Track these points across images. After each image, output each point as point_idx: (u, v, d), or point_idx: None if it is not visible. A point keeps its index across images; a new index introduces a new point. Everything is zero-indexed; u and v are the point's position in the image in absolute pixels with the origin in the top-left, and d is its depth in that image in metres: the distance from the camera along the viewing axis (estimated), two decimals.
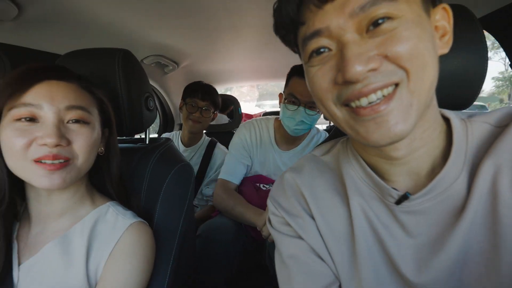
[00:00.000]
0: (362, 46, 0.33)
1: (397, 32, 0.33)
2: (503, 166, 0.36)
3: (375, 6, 0.33)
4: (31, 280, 0.51)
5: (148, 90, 0.86)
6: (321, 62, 0.37)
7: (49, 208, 0.56)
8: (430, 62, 0.34)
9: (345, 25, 0.34)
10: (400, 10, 0.33)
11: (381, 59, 0.33)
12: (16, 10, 0.73)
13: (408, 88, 0.34)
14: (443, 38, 0.39)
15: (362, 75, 0.33)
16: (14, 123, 0.48)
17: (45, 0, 0.77)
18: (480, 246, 0.36)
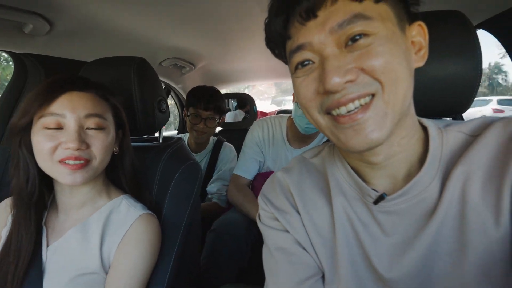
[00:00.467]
0: (340, 60, 0.37)
1: (372, 48, 0.36)
2: (473, 174, 0.38)
3: (352, 24, 0.36)
4: (56, 259, 0.61)
5: (161, 93, 0.94)
6: (305, 73, 0.40)
7: (72, 200, 0.66)
8: (402, 75, 0.37)
9: (326, 41, 0.37)
10: (374, 28, 0.36)
11: (358, 71, 0.36)
12: (48, 26, 0.84)
13: (383, 99, 0.37)
14: (419, 52, 0.42)
15: (340, 85, 0.36)
16: (43, 130, 0.57)
17: (73, 16, 0.87)
18: (449, 246, 0.38)
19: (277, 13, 0.41)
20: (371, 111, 0.37)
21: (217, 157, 1.50)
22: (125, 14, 1.00)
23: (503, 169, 0.36)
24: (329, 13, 0.37)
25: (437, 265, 0.39)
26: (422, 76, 0.58)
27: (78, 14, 0.88)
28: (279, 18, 0.41)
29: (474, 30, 0.58)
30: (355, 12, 0.36)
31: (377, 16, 0.37)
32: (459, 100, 0.60)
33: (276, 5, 0.41)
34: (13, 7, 0.72)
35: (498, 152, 0.38)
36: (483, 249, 0.36)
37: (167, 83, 1.91)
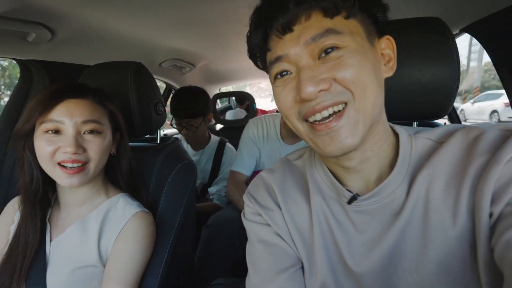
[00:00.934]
0: (315, 70, 0.40)
1: (343, 60, 0.39)
2: (436, 177, 0.41)
3: (324, 37, 0.39)
4: (58, 253, 0.67)
5: (157, 96, 0.98)
6: (284, 83, 0.44)
7: (72, 198, 0.71)
8: (371, 85, 0.40)
9: (301, 53, 0.41)
10: (344, 42, 0.39)
11: (331, 81, 0.40)
12: (49, 34, 0.89)
13: (354, 107, 0.40)
14: (388, 64, 0.46)
15: (314, 94, 0.39)
16: (44, 135, 0.63)
17: (72, 24, 0.92)
18: (413, 244, 0.41)
19: (257, 27, 0.44)
20: (344, 119, 0.40)
21: (221, 158, 1.55)
22: (123, 19, 1.04)
23: (462, 173, 0.39)
24: (303, 28, 0.40)
25: (403, 261, 0.42)
26: (402, 81, 0.60)
27: (77, 22, 0.92)
28: (258, 32, 0.44)
29: (453, 37, 0.60)
30: (327, 27, 0.39)
31: (347, 31, 0.40)
32: (438, 104, 0.62)
33: (255, 20, 0.45)
34: (16, 19, 0.77)
35: (459, 158, 0.41)
36: (442, 247, 0.39)
37: (169, 83, 1.96)
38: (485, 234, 0.35)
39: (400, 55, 0.60)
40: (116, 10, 0.92)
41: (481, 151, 0.39)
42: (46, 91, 0.65)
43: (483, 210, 0.35)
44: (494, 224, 0.35)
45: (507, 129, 0.41)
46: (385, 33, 0.46)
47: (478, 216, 0.36)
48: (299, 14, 0.40)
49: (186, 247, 0.91)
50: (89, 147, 0.65)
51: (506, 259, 0.32)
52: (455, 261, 0.38)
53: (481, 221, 0.36)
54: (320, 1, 0.39)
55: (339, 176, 0.49)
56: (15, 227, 0.70)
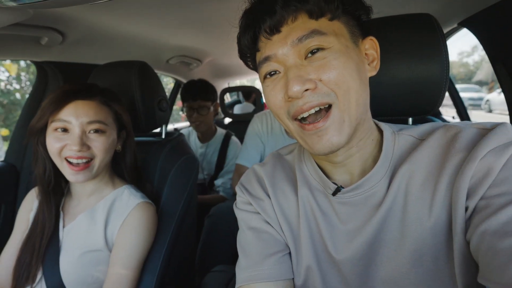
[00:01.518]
0: (301, 70, 0.42)
1: (327, 61, 0.41)
2: (415, 172, 0.44)
3: (309, 38, 0.41)
4: (70, 239, 0.74)
5: (161, 94, 1.03)
6: (273, 82, 0.46)
7: (82, 190, 0.78)
8: (354, 85, 0.42)
9: (288, 53, 0.43)
10: (329, 43, 0.42)
11: (317, 82, 0.42)
12: (60, 37, 0.96)
13: (339, 108, 0.42)
14: (372, 63, 0.48)
15: (300, 93, 0.41)
16: (54, 132, 0.69)
17: (81, 26, 0.98)
18: (392, 234, 0.44)
19: (246, 29, 0.47)
20: (330, 120, 0.42)
21: (226, 151, 1.61)
22: (130, 20, 1.09)
23: (440, 169, 0.41)
24: (290, 29, 0.42)
25: (382, 250, 0.45)
26: (391, 78, 0.62)
27: (86, 24, 0.98)
28: (248, 34, 0.46)
29: (442, 33, 0.60)
30: (312, 28, 0.42)
31: (332, 32, 0.42)
32: (428, 101, 0.62)
33: (245, 22, 0.47)
34: (30, 25, 0.84)
35: (437, 154, 0.43)
36: (417, 237, 0.42)
37: (178, 78, 2.01)
38: (461, 227, 0.38)
39: (390, 52, 0.61)
40: (123, 12, 0.97)
41: (458, 149, 0.41)
42: (58, 92, 0.71)
43: (459, 204, 0.38)
44: (470, 217, 0.37)
45: (483, 127, 0.42)
46: (369, 34, 0.48)
47: (454, 210, 0.38)
48: (286, 16, 0.42)
49: (187, 237, 0.97)
50: (93, 145, 0.71)
51: (480, 250, 0.35)
52: (428, 251, 0.41)
53: (457, 215, 0.38)
54: (305, 4, 0.41)
55: (326, 170, 0.52)
56: (33, 214, 0.78)
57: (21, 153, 1.16)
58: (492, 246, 0.33)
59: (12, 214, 1.11)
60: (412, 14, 0.63)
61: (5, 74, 3.85)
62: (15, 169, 1.15)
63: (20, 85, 4.11)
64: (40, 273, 0.72)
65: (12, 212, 1.10)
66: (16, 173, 1.15)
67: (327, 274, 0.50)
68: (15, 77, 4.03)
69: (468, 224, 0.37)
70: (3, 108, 3.99)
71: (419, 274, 0.42)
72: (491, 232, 0.34)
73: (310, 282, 0.51)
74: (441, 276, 0.40)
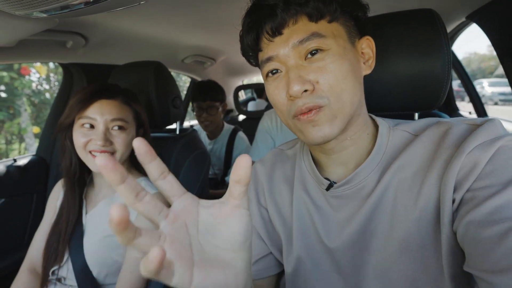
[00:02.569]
0: (302, 70, 0.44)
1: (325, 64, 0.44)
2: (407, 167, 0.46)
3: (309, 40, 0.44)
4: (92, 224, 0.82)
5: (175, 92, 1.09)
6: (275, 81, 0.47)
7: (102, 180, 0.85)
8: (348, 87, 0.45)
9: (289, 53, 0.45)
10: (327, 45, 0.44)
11: (314, 84, 0.45)
12: (84, 41, 1.04)
13: (330, 109, 0.45)
14: (368, 62, 0.50)
15: (300, 92, 0.43)
16: (80, 128, 0.77)
17: (103, 30, 1.06)
18: (382, 225, 0.47)
19: (249, 30, 0.49)
20: (322, 114, 0.45)
21: (233, 147, 1.66)
22: (147, 22, 1.16)
23: (430, 164, 0.43)
24: (291, 31, 0.45)
25: (374, 240, 0.47)
26: (394, 74, 0.63)
27: (107, 28, 1.06)
28: (250, 35, 0.49)
29: (444, 28, 0.61)
30: (312, 31, 0.44)
31: (330, 34, 0.44)
32: (431, 96, 0.63)
33: (247, 23, 0.50)
34: (57, 30, 0.92)
35: (428, 150, 0.45)
36: (404, 228, 0.44)
37: (192, 77, 2.08)
38: (448, 219, 0.39)
39: (392, 48, 0.63)
40: (141, 15, 1.04)
41: (448, 145, 0.42)
42: (84, 91, 0.78)
43: (447, 197, 0.39)
44: (456, 209, 0.39)
45: (473, 123, 0.44)
46: (367, 33, 0.50)
47: (442, 203, 0.40)
48: (287, 19, 0.44)
49: None
50: (115, 140, 0.78)
51: (465, 239, 0.37)
52: (415, 241, 0.43)
53: (445, 207, 0.39)
54: (305, 7, 0.43)
55: (323, 163, 0.55)
56: (60, 202, 0.86)
57: (50, 147, 1.27)
58: (476, 236, 0.35)
59: (43, 202, 1.22)
60: (413, 10, 0.64)
61: (36, 75, 4.11)
62: (45, 162, 1.27)
63: (49, 86, 4.38)
64: (67, 254, 0.80)
65: (43, 200, 1.22)
66: (46, 166, 1.26)
67: (320, 263, 0.53)
68: (45, 78, 4.29)
69: (455, 215, 0.39)
70: (34, 107, 4.27)
71: (407, 263, 0.44)
72: (476, 222, 0.35)
73: (301, 270, 0.55)
74: (429, 266, 0.42)
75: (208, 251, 0.30)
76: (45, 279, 0.79)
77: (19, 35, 0.79)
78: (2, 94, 3.79)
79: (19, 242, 1.19)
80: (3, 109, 3.72)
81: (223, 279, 0.29)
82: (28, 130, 3.95)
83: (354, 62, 0.46)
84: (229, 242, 0.30)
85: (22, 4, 0.49)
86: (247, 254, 0.31)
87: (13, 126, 3.79)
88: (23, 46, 0.97)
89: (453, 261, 0.40)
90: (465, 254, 0.37)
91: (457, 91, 3.61)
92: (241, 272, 0.30)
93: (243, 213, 0.31)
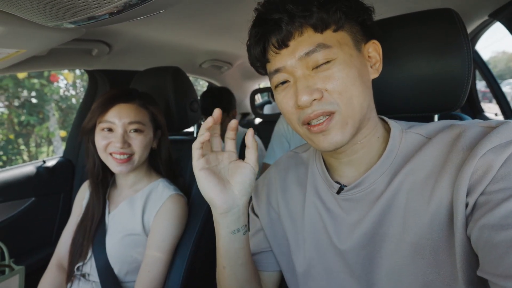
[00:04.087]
0: (309, 81, 0.45)
1: (332, 72, 0.44)
2: (418, 170, 0.45)
3: (315, 52, 0.44)
4: (114, 223, 0.85)
5: (193, 95, 1.13)
6: (284, 91, 0.48)
7: (124, 181, 0.89)
8: (356, 92, 0.45)
9: (296, 65, 0.46)
10: (334, 54, 0.44)
11: (323, 91, 0.46)
12: (108, 48, 1.10)
13: (341, 115, 0.46)
14: (375, 65, 0.50)
15: (308, 102, 0.44)
16: (101, 132, 0.81)
17: (126, 38, 1.11)
18: (394, 229, 0.46)
19: (255, 43, 0.50)
20: (334, 122, 0.46)
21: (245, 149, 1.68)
22: (166, 29, 1.21)
23: (442, 167, 0.42)
24: (297, 43, 0.45)
25: (386, 244, 0.47)
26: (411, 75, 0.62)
27: (129, 36, 1.11)
28: (257, 48, 0.50)
29: (464, 28, 0.60)
30: (318, 42, 0.44)
31: (336, 43, 0.45)
32: (450, 97, 0.62)
33: (254, 35, 0.50)
34: (83, 39, 0.98)
35: (441, 153, 0.44)
36: (416, 231, 0.44)
37: (210, 81, 2.13)
38: (461, 223, 0.39)
39: (409, 49, 0.62)
40: (160, 23, 1.08)
41: (461, 148, 0.41)
42: (103, 96, 0.83)
43: (460, 201, 0.39)
44: (470, 213, 0.38)
45: (488, 126, 0.42)
46: (374, 37, 0.50)
47: (455, 207, 0.39)
48: (293, 31, 0.45)
49: (213, 227, 1.05)
50: (133, 142, 0.81)
51: (479, 243, 0.36)
52: (427, 245, 0.43)
53: (458, 212, 0.39)
54: (309, 19, 0.44)
55: (334, 167, 0.55)
56: (85, 202, 0.91)
57: (76, 149, 1.35)
58: (490, 240, 0.34)
59: (69, 201, 1.29)
60: (432, 10, 0.63)
61: (63, 82, 4.35)
62: (71, 163, 1.34)
63: (75, 91, 4.61)
64: (90, 252, 0.84)
65: (69, 199, 1.28)
66: (72, 167, 1.33)
67: (332, 265, 0.53)
68: (71, 84, 4.52)
69: (469, 220, 0.38)
70: (62, 112, 4.51)
71: (419, 267, 0.43)
72: (490, 226, 0.35)
73: (313, 272, 0.55)
74: (442, 270, 0.41)
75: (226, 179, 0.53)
76: (70, 274, 0.84)
77: (51, 44, 0.85)
78: (33, 100, 4.04)
79: (48, 239, 1.26)
80: (34, 114, 3.97)
81: (228, 195, 0.51)
82: (56, 133, 4.18)
83: (361, 68, 0.47)
84: (238, 183, 0.51)
85: (54, 16, 0.53)
86: (246, 199, 0.52)
87: (42, 130, 4.03)
88: (53, 55, 1.03)
89: (468, 266, 0.39)
90: (479, 258, 0.36)
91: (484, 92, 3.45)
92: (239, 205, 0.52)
93: (248, 168, 0.52)
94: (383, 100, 0.65)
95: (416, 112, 0.67)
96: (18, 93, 3.92)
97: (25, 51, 0.78)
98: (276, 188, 0.65)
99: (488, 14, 0.85)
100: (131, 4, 0.47)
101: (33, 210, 1.21)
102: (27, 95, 4.01)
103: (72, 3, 0.47)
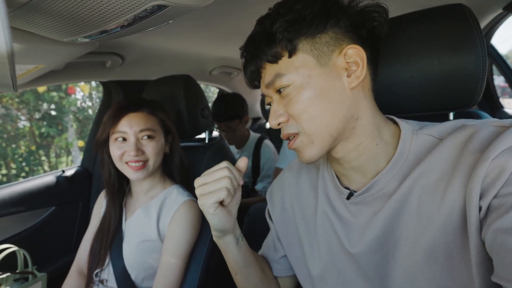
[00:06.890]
0: (278, 106, 0.50)
1: (291, 98, 0.47)
2: (430, 173, 0.44)
3: (274, 82, 0.49)
4: (130, 230, 0.87)
5: (203, 102, 1.14)
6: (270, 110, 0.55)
7: (139, 188, 0.91)
8: (317, 112, 0.46)
9: (268, 92, 0.51)
10: (289, 80, 0.47)
11: (287, 115, 0.49)
12: (120, 60, 1.13)
13: (305, 135, 0.48)
14: (355, 73, 0.47)
15: (275, 126, 0.50)
16: (115, 142, 0.83)
17: (137, 49, 1.15)
18: (407, 232, 0.45)
19: (244, 74, 0.54)
20: (298, 141, 0.49)
21: (259, 156, 1.68)
22: (176, 38, 1.24)
23: (454, 170, 0.41)
24: (264, 75, 0.51)
25: (399, 248, 0.46)
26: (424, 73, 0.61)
27: (141, 47, 1.15)
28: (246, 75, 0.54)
29: (476, 23, 0.58)
30: (275, 72, 0.48)
31: (292, 69, 0.46)
32: (464, 94, 0.60)
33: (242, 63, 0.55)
34: (97, 52, 1.02)
35: (453, 155, 0.42)
36: (428, 235, 0.43)
37: (220, 87, 2.15)
38: (475, 227, 0.37)
39: (421, 46, 0.61)
40: (170, 32, 1.11)
41: (472, 150, 0.40)
42: (113, 108, 0.85)
43: (473, 204, 0.37)
44: (484, 217, 0.37)
45: (501, 125, 0.41)
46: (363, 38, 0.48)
47: (468, 210, 0.38)
48: (258, 66, 0.51)
49: None
50: (146, 149, 0.83)
51: (494, 248, 0.35)
52: (441, 249, 0.42)
53: (471, 215, 0.38)
54: (264, 56, 0.48)
55: (341, 172, 0.54)
56: (103, 210, 0.93)
57: (93, 159, 1.39)
58: (504, 244, 0.33)
59: (87, 209, 1.33)
60: (442, 6, 0.62)
61: (80, 94, 4.51)
62: (88, 172, 1.38)
63: (91, 102, 4.77)
64: (108, 258, 0.86)
65: (87, 207, 1.32)
66: (90, 176, 1.38)
67: (345, 269, 0.53)
68: (88, 96, 4.68)
69: (483, 223, 0.37)
70: (79, 123, 4.68)
71: (434, 272, 0.42)
72: (503, 230, 0.34)
73: (328, 276, 0.56)
74: (457, 275, 0.40)
75: None
76: (89, 280, 0.86)
77: (67, 59, 0.89)
78: (52, 112, 4.21)
79: (67, 246, 1.30)
80: (53, 125, 4.13)
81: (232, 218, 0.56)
82: (74, 144, 4.33)
83: (325, 85, 0.46)
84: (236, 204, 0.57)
85: (68, 32, 0.56)
86: None
87: (61, 140, 4.19)
88: (69, 68, 1.08)
89: (485, 271, 0.37)
90: (494, 263, 0.35)
91: (504, 87, 3.30)
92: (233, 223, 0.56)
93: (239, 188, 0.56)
94: (395, 100, 0.63)
95: (430, 110, 0.65)
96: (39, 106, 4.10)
97: (43, 66, 0.82)
98: (290, 193, 0.65)
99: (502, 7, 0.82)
100: (141, 16, 0.49)
101: (54, 219, 1.25)
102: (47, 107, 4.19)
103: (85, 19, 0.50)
